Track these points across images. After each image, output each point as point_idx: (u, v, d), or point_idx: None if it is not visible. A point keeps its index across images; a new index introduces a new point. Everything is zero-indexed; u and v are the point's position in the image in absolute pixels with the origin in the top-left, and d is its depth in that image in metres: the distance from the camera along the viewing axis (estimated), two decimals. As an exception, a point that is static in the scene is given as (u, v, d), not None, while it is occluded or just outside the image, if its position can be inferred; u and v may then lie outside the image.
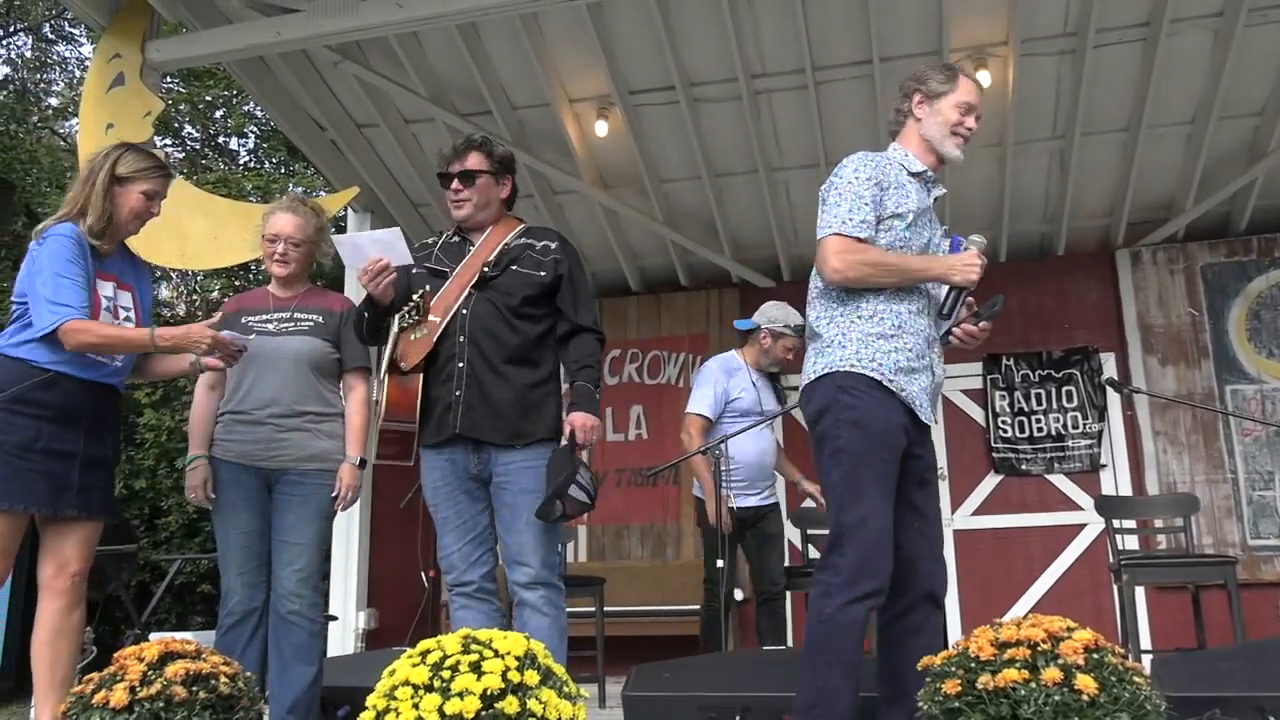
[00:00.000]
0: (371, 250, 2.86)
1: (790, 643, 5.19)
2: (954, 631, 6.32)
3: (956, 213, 6.70)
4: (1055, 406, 6.89)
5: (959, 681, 2.00)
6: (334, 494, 3.22)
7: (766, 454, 4.82)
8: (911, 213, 2.66)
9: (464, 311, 2.96)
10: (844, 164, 2.69)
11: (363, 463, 3.25)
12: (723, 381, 4.75)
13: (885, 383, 2.55)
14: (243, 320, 3.29)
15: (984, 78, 5.42)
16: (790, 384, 6.98)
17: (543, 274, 3.00)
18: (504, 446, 2.89)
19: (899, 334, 2.60)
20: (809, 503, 5.52)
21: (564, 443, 2.89)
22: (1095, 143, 6.10)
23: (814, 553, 5.30)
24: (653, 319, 7.68)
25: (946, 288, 2.66)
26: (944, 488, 6.79)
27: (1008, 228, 6.81)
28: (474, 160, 3.06)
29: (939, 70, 2.78)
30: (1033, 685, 1.93)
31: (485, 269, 2.99)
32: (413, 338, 2.94)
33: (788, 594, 4.88)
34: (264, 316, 3.30)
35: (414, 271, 3.08)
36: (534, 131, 6.19)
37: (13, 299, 2.90)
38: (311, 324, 3.29)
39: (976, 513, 6.86)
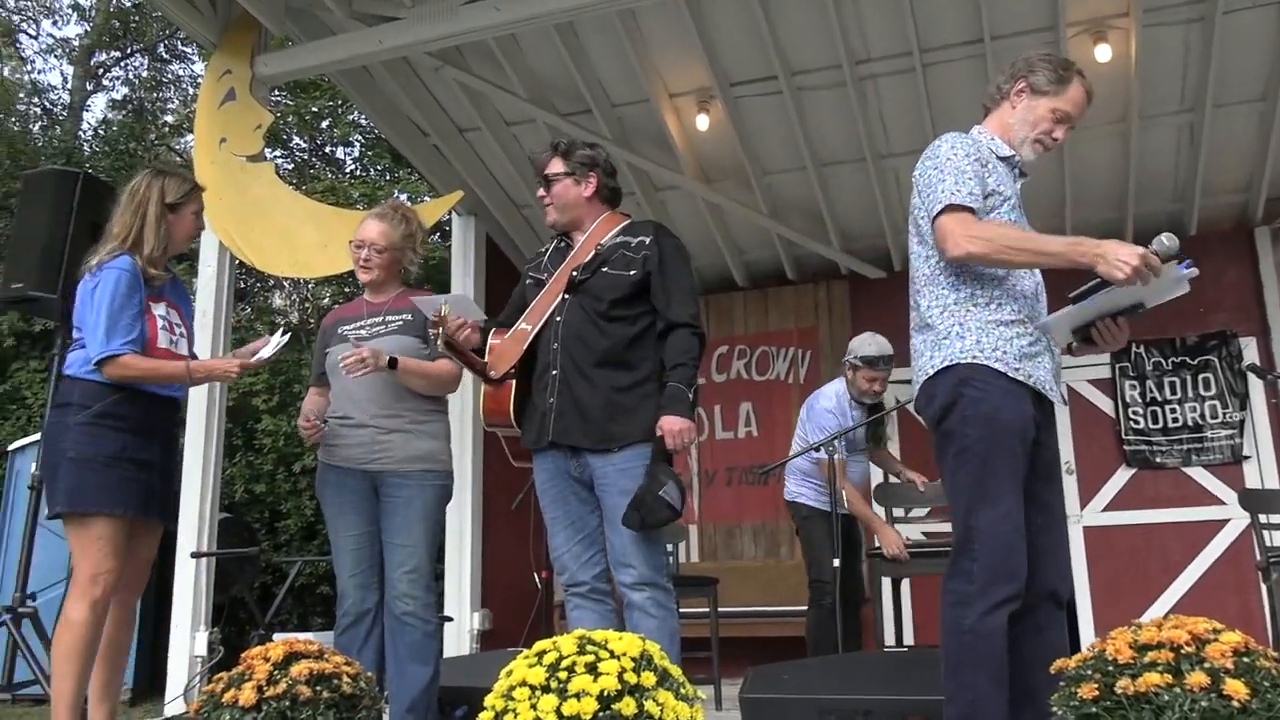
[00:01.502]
0: (443, 306, 2.97)
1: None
2: (1086, 634, 6.13)
3: (1077, 195, 6.49)
4: (1191, 395, 6.61)
5: (1096, 686, 1.93)
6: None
7: (865, 476, 5.03)
8: (1012, 195, 2.56)
9: (557, 318, 3.01)
10: (937, 144, 2.59)
11: (392, 362, 3.17)
12: (835, 422, 4.85)
13: (1010, 372, 2.44)
14: (339, 330, 3.38)
15: (1103, 51, 5.22)
16: (901, 378, 6.88)
17: (632, 273, 3.00)
18: (599, 451, 2.92)
19: (1019, 319, 2.50)
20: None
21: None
22: (1229, 114, 5.81)
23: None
24: (760, 314, 7.63)
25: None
26: (1072, 483, 6.58)
27: (1134, 208, 6.55)
28: (553, 164, 3.13)
29: (1054, 67, 2.63)
30: (1176, 690, 1.84)
31: (574, 274, 3.03)
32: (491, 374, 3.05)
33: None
34: (358, 324, 3.38)
35: (526, 282, 3.19)
36: (634, 128, 6.22)
37: (73, 330, 3.12)
38: (401, 323, 3.34)
39: (1107, 509, 6.62)
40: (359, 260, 3.40)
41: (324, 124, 12.25)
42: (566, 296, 3.02)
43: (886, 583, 5.03)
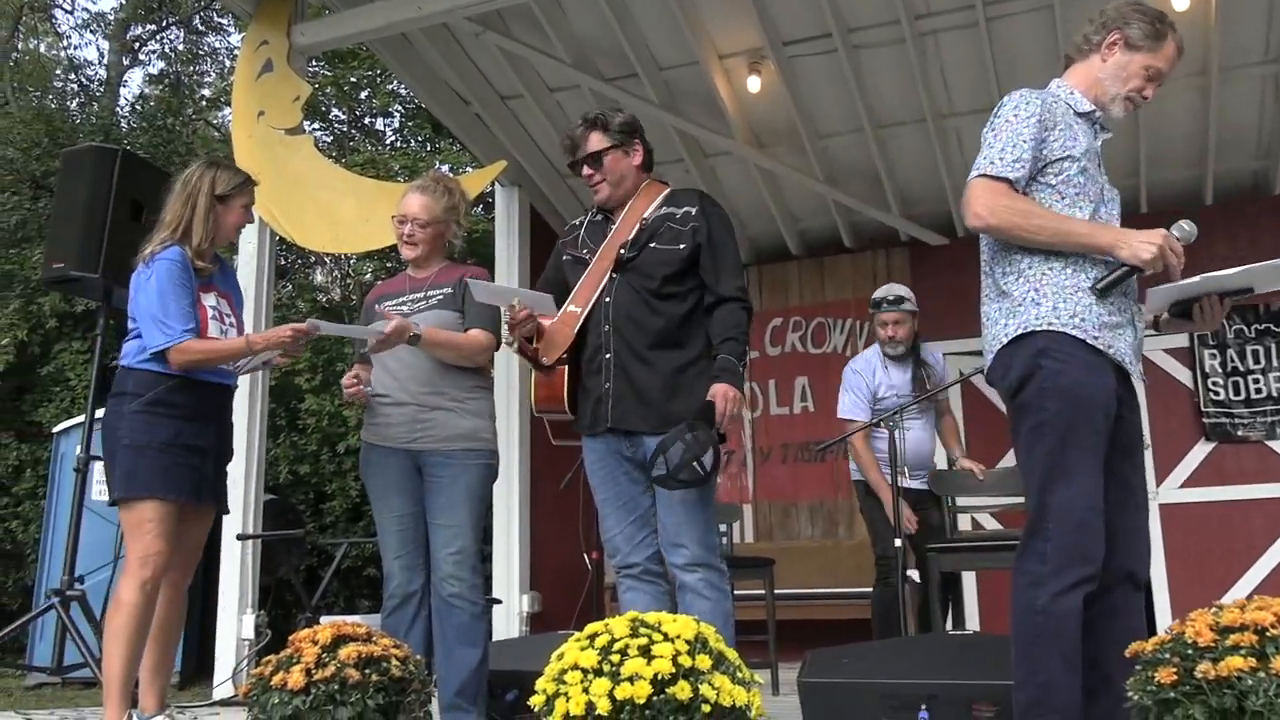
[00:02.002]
0: (510, 298, 3.00)
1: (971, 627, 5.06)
2: (1162, 617, 6.04)
3: (1152, 153, 6.35)
4: (1276, 364, 6.47)
5: (1174, 670, 1.90)
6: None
7: (920, 440, 4.80)
8: (1082, 155, 2.50)
9: (606, 299, 3.00)
10: (1003, 102, 2.54)
11: (414, 338, 3.19)
12: (861, 381, 4.87)
13: (1090, 341, 2.39)
14: (381, 305, 3.40)
15: (1181, 1, 5.09)
16: (967, 349, 6.79)
17: (681, 246, 2.98)
18: (656, 432, 2.91)
19: None
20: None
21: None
22: (1318, 64, 5.65)
23: (963, 523, 5.18)
24: (816, 284, 7.58)
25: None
26: (1147, 458, 6.47)
27: (1214, 165, 6.40)
28: (595, 140, 3.09)
29: (1149, 20, 2.55)
30: (1261, 675, 1.81)
31: (622, 251, 3.00)
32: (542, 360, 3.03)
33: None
34: (400, 300, 3.40)
35: (564, 259, 3.17)
36: (682, 92, 6.18)
37: (129, 321, 3.25)
38: (442, 297, 3.36)
39: (1185, 485, 6.51)
40: (402, 236, 3.42)
41: (363, 94, 12.33)
42: (614, 275, 3.01)
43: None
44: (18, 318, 8.98)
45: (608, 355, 2.97)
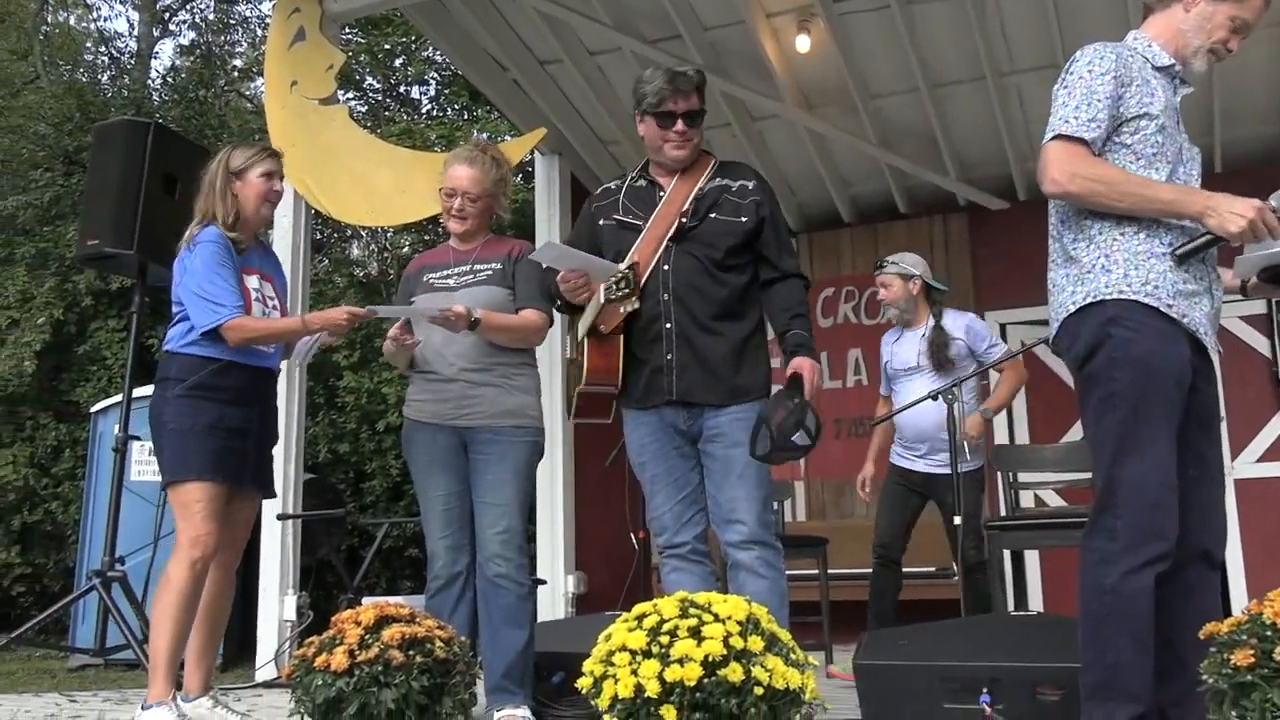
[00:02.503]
0: (578, 263, 2.98)
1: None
2: (1237, 596, 5.96)
3: (1227, 109, 6.20)
4: (1361, 331, 6.32)
5: (1252, 652, 1.88)
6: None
7: (922, 414, 4.60)
8: (1160, 113, 2.45)
9: (665, 267, 2.99)
10: (1076, 57, 2.50)
11: (475, 323, 3.22)
12: (884, 350, 5.07)
13: (1164, 309, 2.35)
14: (424, 278, 3.43)
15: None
16: (1029, 318, 6.70)
17: (744, 219, 3.01)
18: (718, 405, 2.94)
19: None
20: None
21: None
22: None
23: (1025, 499, 5.10)
24: (869, 252, 7.51)
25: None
26: (1222, 431, 6.37)
27: (1296, 121, 6.25)
28: (698, 100, 3.09)
29: None
30: (1345, 656, 1.79)
31: (683, 219, 3.01)
32: (621, 310, 2.97)
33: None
34: (445, 272, 3.43)
35: (600, 223, 3.15)
36: (728, 53, 6.13)
37: (172, 304, 3.34)
38: (490, 272, 3.38)
39: (1262, 459, 6.40)
40: (451, 210, 3.43)
41: (398, 62, 12.36)
42: (671, 244, 3.01)
43: (1006, 553, 4.89)
44: (53, 296, 9.15)
45: (668, 325, 2.97)
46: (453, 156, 3.51)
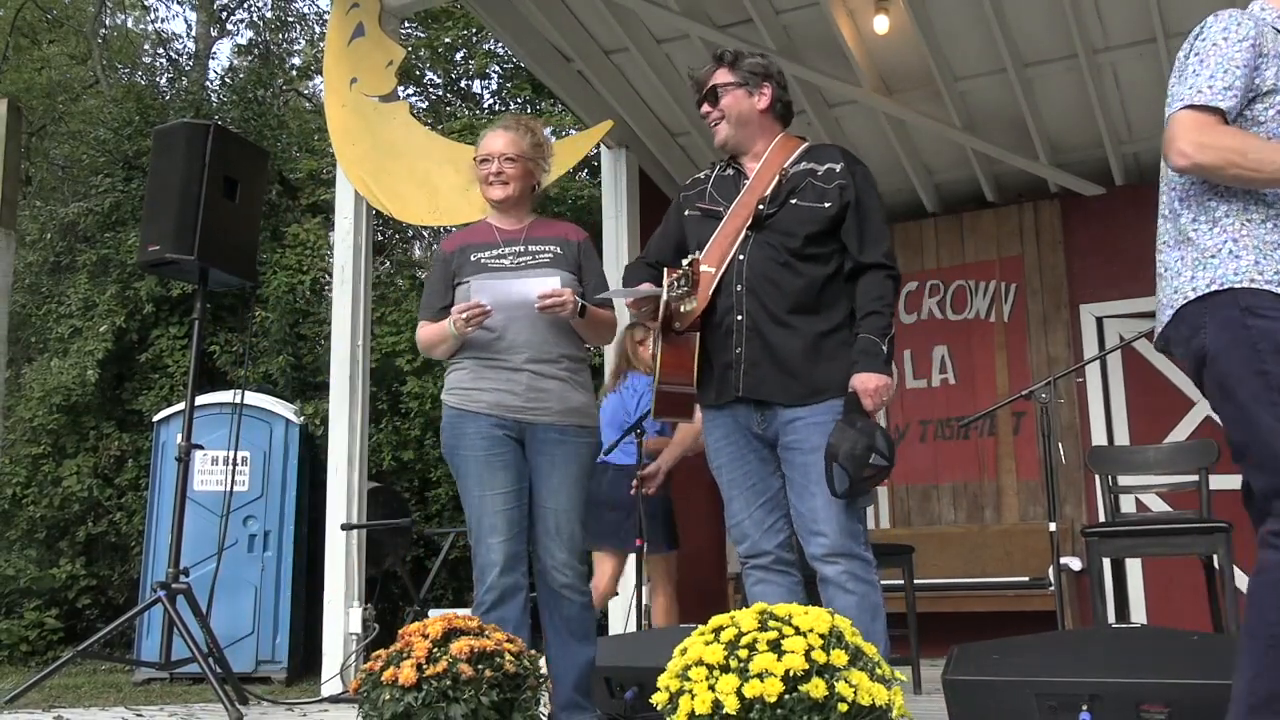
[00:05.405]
0: (638, 295, 3.06)
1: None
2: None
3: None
4: None
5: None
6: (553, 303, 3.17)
7: None
8: None
9: (740, 258, 2.96)
10: (1208, 22, 2.38)
11: (582, 310, 3.20)
12: None
13: None
14: (472, 257, 3.31)
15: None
16: (1126, 311, 6.57)
17: (827, 204, 2.94)
18: (793, 405, 2.89)
19: None
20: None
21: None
22: None
23: (1127, 505, 4.97)
24: (954, 244, 7.44)
25: None
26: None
27: None
28: (718, 75, 3.08)
29: None
30: None
31: (760, 207, 2.96)
32: (683, 309, 2.95)
33: None
34: (494, 252, 3.30)
35: (686, 214, 3.14)
36: (802, 37, 6.11)
37: None
38: (551, 255, 3.29)
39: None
40: (488, 175, 3.34)
41: (458, 56, 12.50)
42: (749, 233, 2.97)
43: (1106, 562, 4.80)
44: (115, 303, 9.40)
45: (739, 318, 2.93)
46: (485, 130, 3.48)
